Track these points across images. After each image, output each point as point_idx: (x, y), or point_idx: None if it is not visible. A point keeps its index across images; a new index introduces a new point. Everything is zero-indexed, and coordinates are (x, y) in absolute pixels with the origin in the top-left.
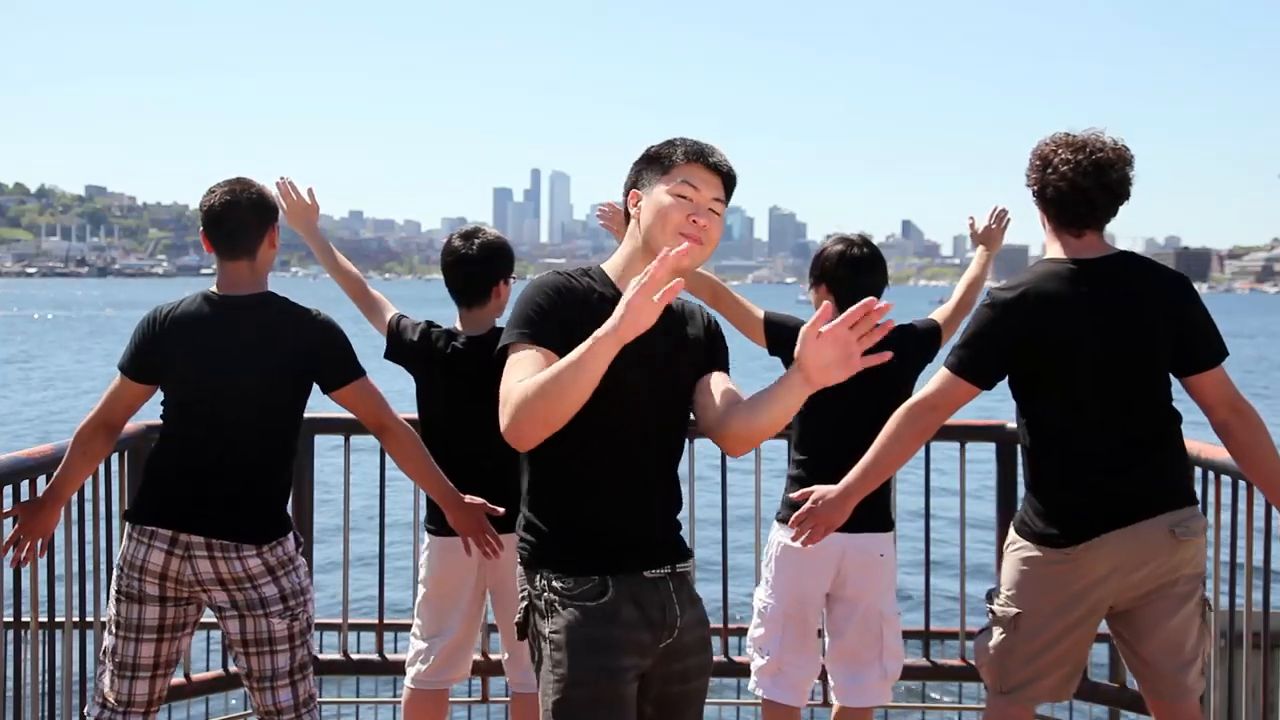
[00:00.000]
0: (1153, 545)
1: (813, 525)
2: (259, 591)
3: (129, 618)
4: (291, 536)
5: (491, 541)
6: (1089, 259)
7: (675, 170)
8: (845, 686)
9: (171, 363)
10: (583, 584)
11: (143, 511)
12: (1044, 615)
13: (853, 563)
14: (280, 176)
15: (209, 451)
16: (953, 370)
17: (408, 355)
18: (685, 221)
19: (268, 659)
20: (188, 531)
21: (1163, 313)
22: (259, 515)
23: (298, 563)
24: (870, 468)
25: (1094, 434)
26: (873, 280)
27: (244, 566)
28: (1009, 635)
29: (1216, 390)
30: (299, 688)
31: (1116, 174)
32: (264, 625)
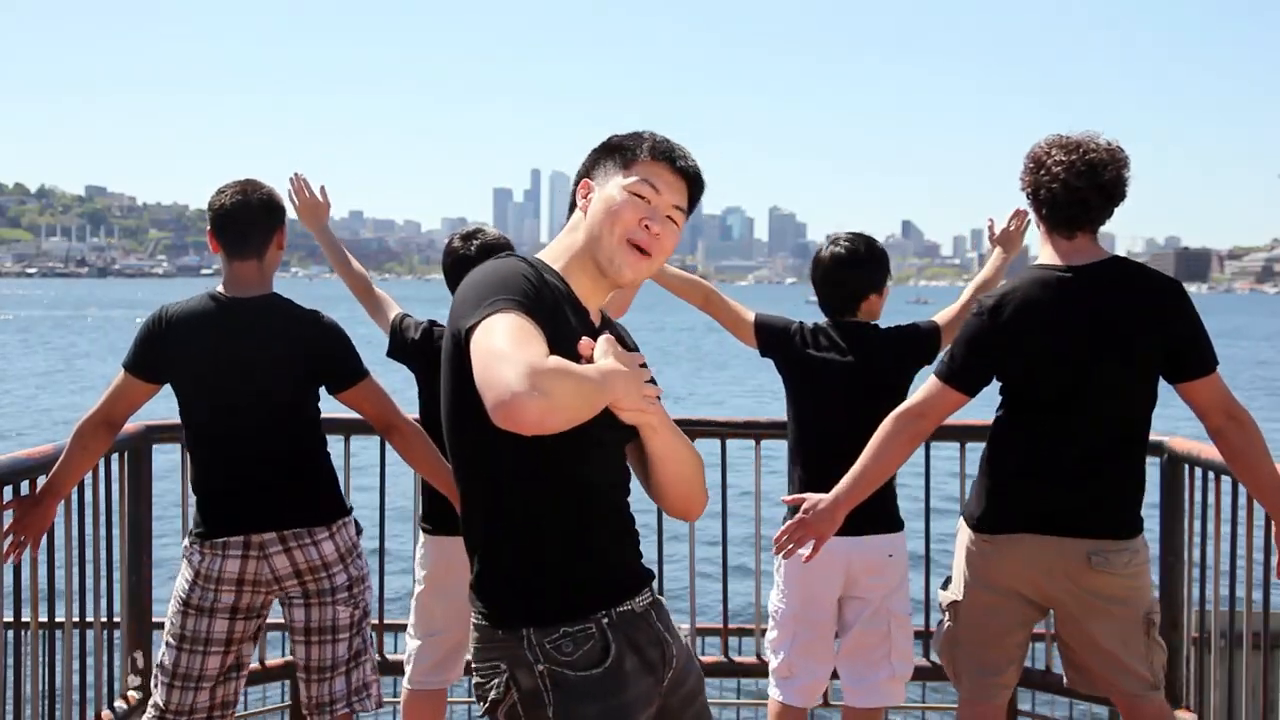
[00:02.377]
0: (1065, 563)
1: (802, 536)
2: (332, 580)
3: (196, 631)
4: (353, 522)
5: None
6: (1080, 265)
7: (637, 166)
8: (855, 687)
9: (177, 362)
10: (582, 644)
11: (212, 528)
12: (972, 600)
13: (860, 566)
14: (294, 173)
15: (240, 451)
16: (940, 378)
17: (409, 353)
18: (636, 225)
19: (329, 648)
20: (259, 531)
21: (1151, 323)
22: (318, 498)
23: (360, 549)
24: (859, 476)
25: (1053, 440)
26: (854, 281)
27: (319, 552)
28: (952, 624)
29: (1211, 397)
30: (352, 676)
31: (1110, 175)
32: (329, 613)
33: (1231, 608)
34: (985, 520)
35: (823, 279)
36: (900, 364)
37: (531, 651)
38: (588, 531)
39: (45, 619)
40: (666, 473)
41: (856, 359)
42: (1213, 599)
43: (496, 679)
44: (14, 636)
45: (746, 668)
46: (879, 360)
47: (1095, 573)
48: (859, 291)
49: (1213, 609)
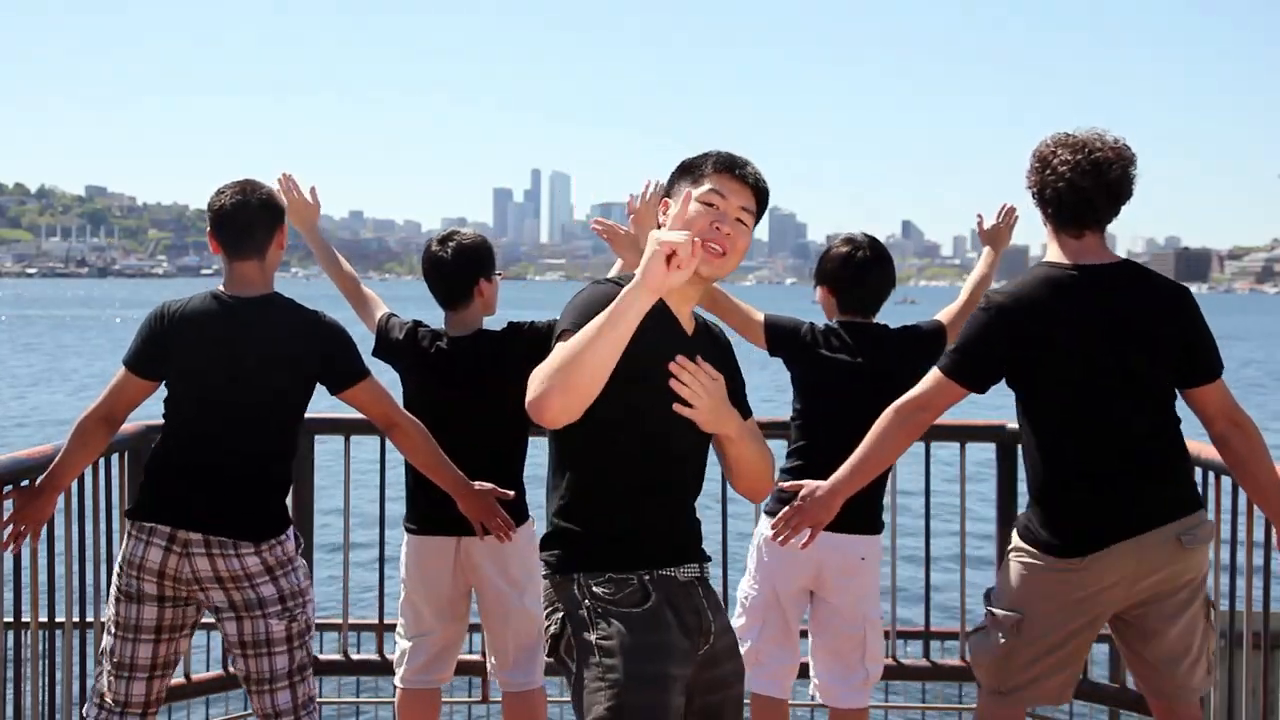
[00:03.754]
0: (1159, 555)
1: (798, 523)
2: (257, 591)
3: (127, 618)
4: (291, 536)
5: (502, 525)
6: (1089, 265)
7: (704, 179)
8: (834, 687)
9: (178, 360)
10: (624, 588)
11: (142, 509)
12: (1048, 621)
13: (832, 563)
14: (282, 173)
15: (210, 450)
16: (945, 372)
17: (394, 353)
18: (708, 229)
19: (265, 661)
20: (185, 528)
21: (1163, 326)
22: (257, 513)
23: (297, 563)
24: (858, 465)
25: (1094, 443)
26: (878, 283)
27: (241, 565)
28: (1010, 640)
29: (1216, 403)
30: (298, 690)
31: (1116, 173)
32: (261, 626)
33: (1231, 608)
34: (1069, 543)
35: (852, 280)
36: (910, 364)
37: (581, 591)
38: (643, 508)
39: (45, 619)
40: (738, 470)
41: (868, 359)
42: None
43: (555, 618)
44: (14, 636)
45: None
46: (889, 360)
47: (1186, 551)
48: (884, 292)
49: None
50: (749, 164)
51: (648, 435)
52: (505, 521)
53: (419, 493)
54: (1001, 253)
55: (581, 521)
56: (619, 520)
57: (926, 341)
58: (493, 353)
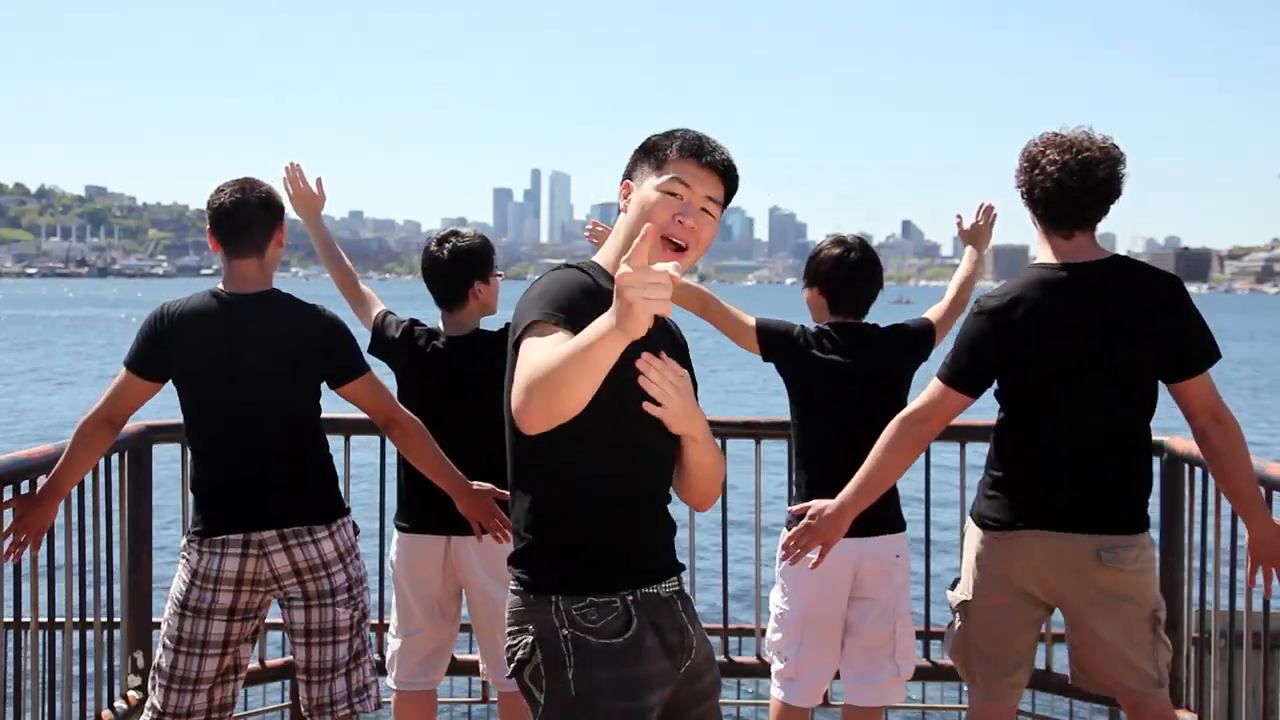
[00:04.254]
0: (1075, 559)
1: (809, 541)
2: (331, 580)
3: (193, 634)
4: (351, 523)
5: (500, 525)
6: (1079, 264)
7: (669, 165)
8: (858, 686)
9: (179, 359)
10: (607, 613)
11: (209, 525)
12: (981, 597)
13: (868, 567)
14: (290, 162)
15: (243, 452)
16: (944, 381)
17: (389, 350)
18: (670, 222)
19: (330, 649)
20: (258, 529)
21: (1152, 321)
22: (318, 496)
23: (358, 549)
24: (865, 482)
25: (1059, 437)
26: (869, 284)
27: (319, 551)
28: (964, 624)
29: (1200, 397)
30: (353, 677)
31: (1104, 173)
32: (330, 615)
33: (1232, 608)
34: (994, 518)
35: (845, 281)
36: (901, 362)
37: (558, 616)
38: (623, 519)
39: (45, 619)
40: (694, 476)
41: (860, 359)
42: (1213, 599)
43: (524, 640)
44: (14, 636)
45: (746, 668)
46: (881, 360)
47: (1104, 569)
48: (874, 293)
49: (1213, 609)
50: (717, 148)
51: (622, 439)
52: (503, 521)
53: (412, 492)
54: (984, 251)
55: (558, 536)
56: (598, 534)
57: (915, 339)
58: (488, 353)
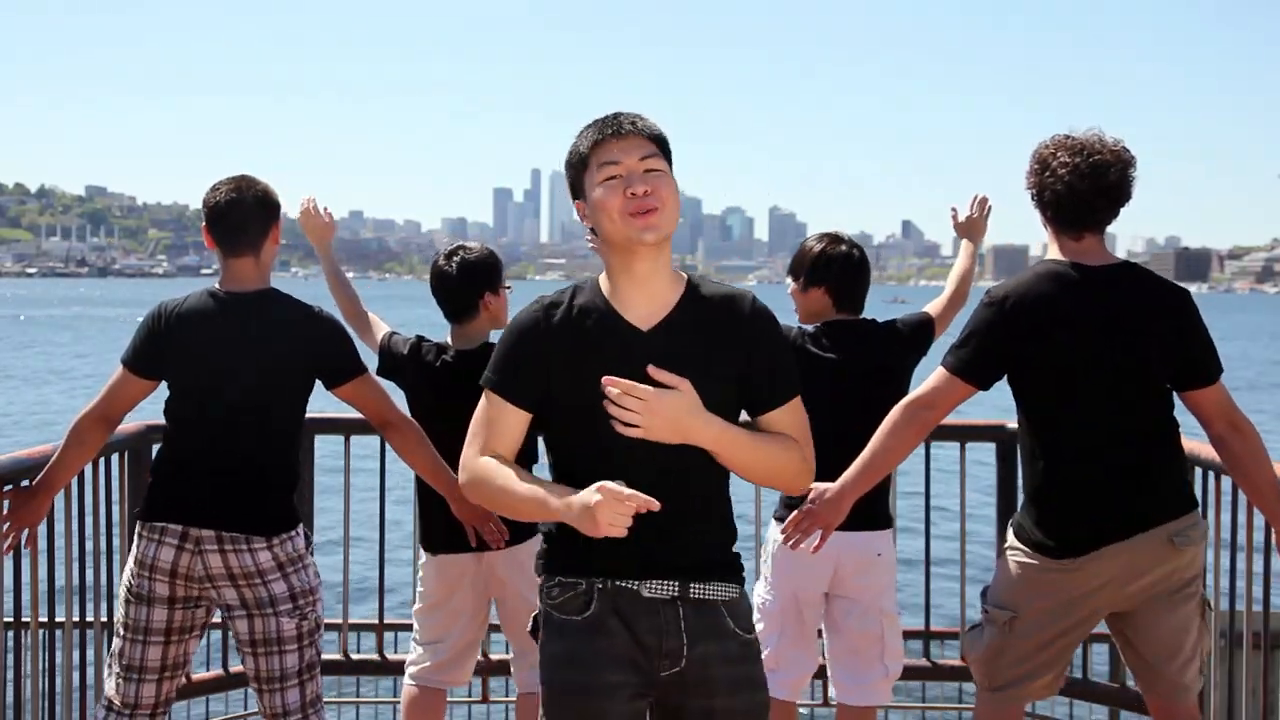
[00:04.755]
0: (1151, 556)
1: (809, 525)
2: (269, 589)
3: (137, 619)
4: (302, 534)
5: (495, 530)
6: (1090, 266)
7: (591, 160)
8: (846, 685)
9: (176, 358)
10: (568, 594)
11: (153, 509)
12: (1039, 620)
13: (850, 561)
14: (307, 196)
15: (215, 447)
16: (949, 369)
17: (399, 369)
18: (625, 200)
19: (276, 659)
20: (197, 525)
21: (1162, 327)
22: (267, 508)
23: (307, 561)
24: (866, 466)
25: (1093, 443)
26: (867, 281)
27: (254, 560)
28: (1002, 637)
29: (1214, 405)
30: (306, 688)
31: (1115, 176)
32: (273, 625)
33: (1231, 608)
34: (1063, 544)
35: (839, 278)
36: (898, 357)
37: (539, 594)
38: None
39: (45, 619)
40: (743, 474)
41: (858, 355)
42: (1213, 599)
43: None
44: (14, 636)
45: None
46: (878, 356)
47: (1179, 551)
48: (866, 290)
49: (1213, 609)
50: (619, 118)
51: (605, 446)
52: (498, 528)
53: (432, 512)
54: (979, 244)
55: (555, 530)
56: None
57: (913, 334)
58: None
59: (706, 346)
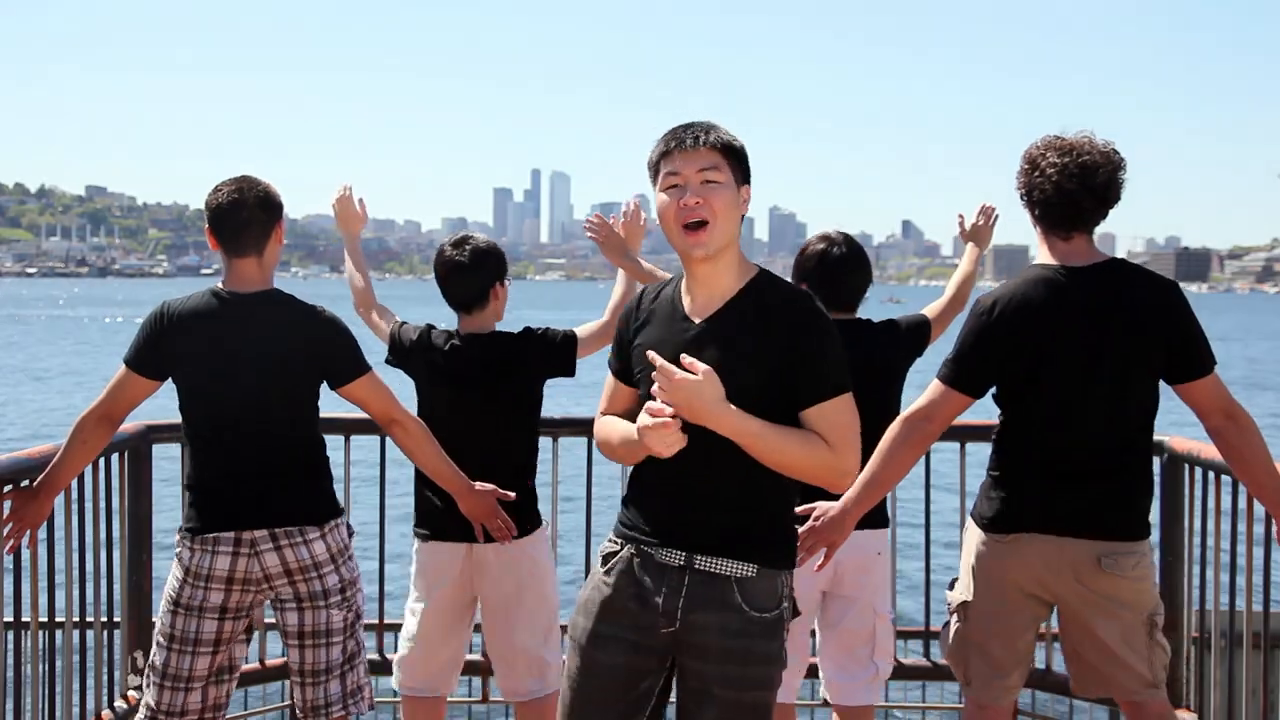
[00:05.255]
0: (1075, 564)
1: (813, 544)
2: (323, 582)
3: (185, 631)
4: (345, 524)
5: (503, 526)
6: (1078, 266)
7: (660, 169)
8: (839, 684)
9: (179, 359)
10: (609, 551)
11: (201, 522)
12: (981, 599)
13: (850, 561)
14: (344, 184)
15: (240, 451)
16: (944, 382)
17: (408, 356)
18: (679, 210)
19: (324, 651)
20: (250, 528)
21: (1150, 323)
22: (311, 497)
23: (351, 550)
24: (869, 483)
25: (1060, 439)
26: (854, 279)
27: (310, 552)
28: (962, 624)
29: (1209, 397)
30: (347, 679)
31: (1103, 178)
32: (324, 617)
33: (1232, 608)
34: (996, 520)
35: (827, 278)
36: (893, 357)
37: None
38: (646, 488)
39: (45, 619)
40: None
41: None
42: (1213, 599)
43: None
44: (14, 636)
45: None
46: (873, 355)
47: (1104, 574)
48: (860, 289)
49: (1213, 609)
50: (690, 128)
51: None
52: (506, 523)
53: (431, 499)
54: (984, 250)
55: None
56: (630, 496)
57: (909, 334)
58: (505, 355)
59: (750, 340)
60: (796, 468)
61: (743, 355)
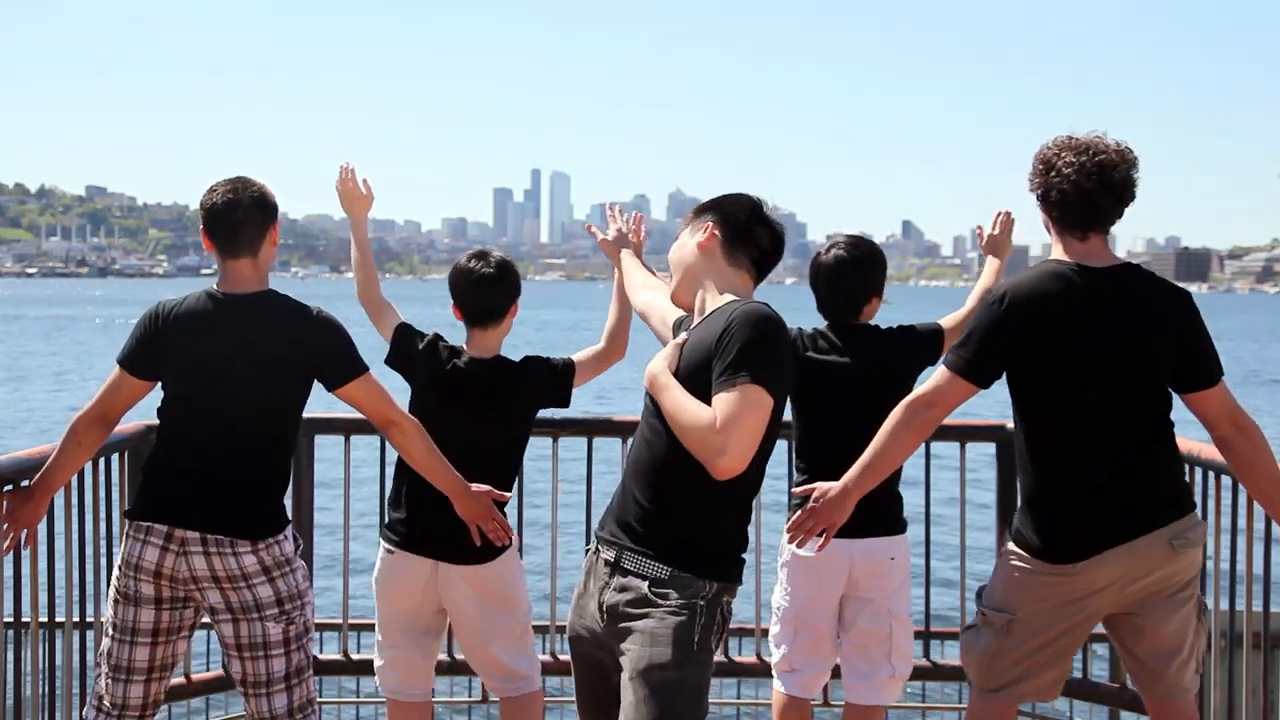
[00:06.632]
0: (1151, 559)
1: (813, 525)
2: (254, 593)
3: (124, 620)
4: (290, 537)
5: (498, 527)
6: (1093, 267)
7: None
8: (855, 684)
9: (173, 359)
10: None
11: (140, 509)
12: (1037, 623)
13: (863, 567)
14: (344, 162)
15: (207, 449)
16: (950, 368)
17: (410, 363)
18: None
19: (262, 663)
20: (183, 527)
21: (1164, 329)
22: (254, 512)
23: (295, 564)
24: (869, 465)
25: (1091, 444)
26: (853, 283)
27: (239, 564)
28: (1000, 639)
29: (1218, 407)
30: (294, 693)
31: (1120, 176)
32: (259, 629)
33: (1231, 608)
34: (1061, 549)
35: (826, 281)
36: (901, 364)
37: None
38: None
39: (45, 619)
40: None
41: (857, 360)
42: (1212, 599)
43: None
44: (14, 636)
45: (746, 668)
46: (880, 361)
47: (1178, 554)
48: (862, 294)
49: (1213, 609)
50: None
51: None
52: (501, 525)
53: (403, 506)
54: (1005, 261)
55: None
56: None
57: (920, 341)
58: (508, 383)
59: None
60: (682, 428)
61: (692, 345)
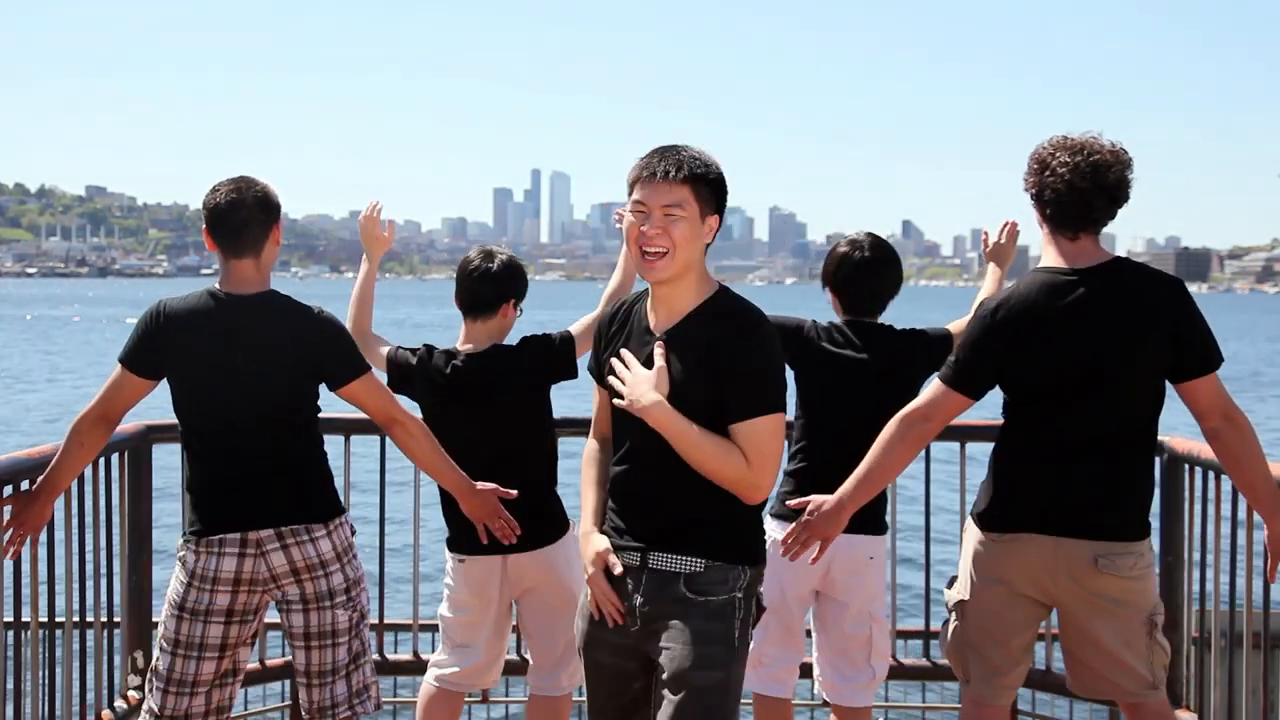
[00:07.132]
0: (1070, 564)
1: (807, 537)
2: (329, 581)
3: (190, 635)
4: (349, 523)
5: (505, 526)
6: (1083, 268)
7: (633, 190)
8: (835, 686)
9: (175, 358)
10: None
11: (207, 524)
12: (978, 599)
13: (841, 564)
14: (376, 200)
15: (238, 451)
16: (945, 382)
17: (409, 379)
18: (639, 234)
19: (329, 652)
20: (255, 528)
21: (1154, 323)
22: (313, 495)
23: (355, 550)
24: (864, 478)
25: (1059, 440)
26: (879, 282)
27: (316, 550)
28: (960, 622)
29: (1209, 397)
30: (353, 679)
31: (1114, 176)
32: (329, 617)
33: (1232, 608)
34: (993, 519)
35: (851, 279)
36: (913, 365)
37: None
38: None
39: (45, 619)
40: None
41: (872, 356)
42: (1213, 599)
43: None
44: (14, 636)
45: None
46: (893, 360)
47: (1100, 574)
48: (889, 294)
49: (1213, 609)
50: (662, 161)
51: (617, 429)
52: (509, 523)
53: (458, 514)
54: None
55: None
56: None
57: (931, 346)
58: (507, 368)
59: (694, 354)
60: (711, 471)
61: (687, 366)
